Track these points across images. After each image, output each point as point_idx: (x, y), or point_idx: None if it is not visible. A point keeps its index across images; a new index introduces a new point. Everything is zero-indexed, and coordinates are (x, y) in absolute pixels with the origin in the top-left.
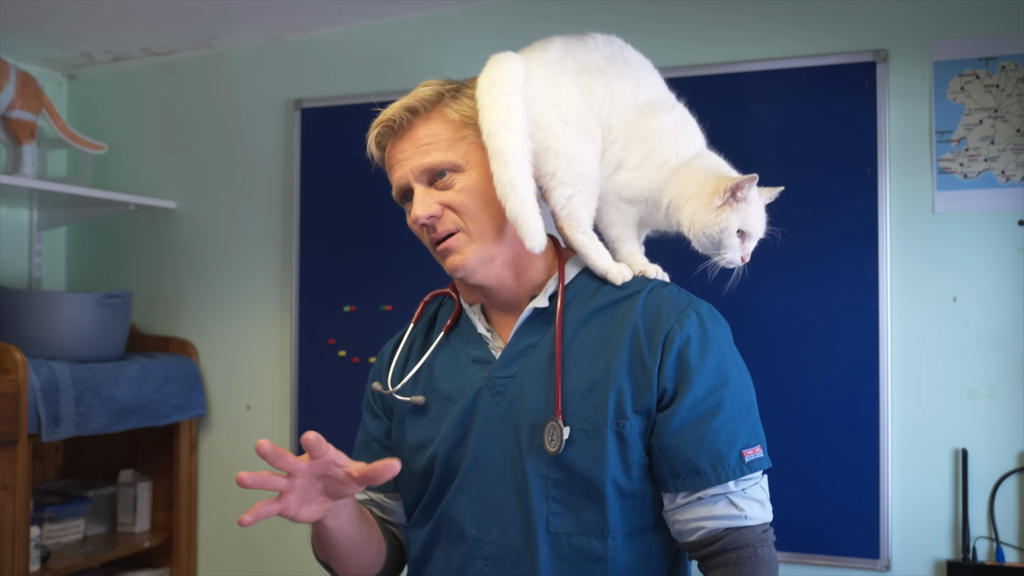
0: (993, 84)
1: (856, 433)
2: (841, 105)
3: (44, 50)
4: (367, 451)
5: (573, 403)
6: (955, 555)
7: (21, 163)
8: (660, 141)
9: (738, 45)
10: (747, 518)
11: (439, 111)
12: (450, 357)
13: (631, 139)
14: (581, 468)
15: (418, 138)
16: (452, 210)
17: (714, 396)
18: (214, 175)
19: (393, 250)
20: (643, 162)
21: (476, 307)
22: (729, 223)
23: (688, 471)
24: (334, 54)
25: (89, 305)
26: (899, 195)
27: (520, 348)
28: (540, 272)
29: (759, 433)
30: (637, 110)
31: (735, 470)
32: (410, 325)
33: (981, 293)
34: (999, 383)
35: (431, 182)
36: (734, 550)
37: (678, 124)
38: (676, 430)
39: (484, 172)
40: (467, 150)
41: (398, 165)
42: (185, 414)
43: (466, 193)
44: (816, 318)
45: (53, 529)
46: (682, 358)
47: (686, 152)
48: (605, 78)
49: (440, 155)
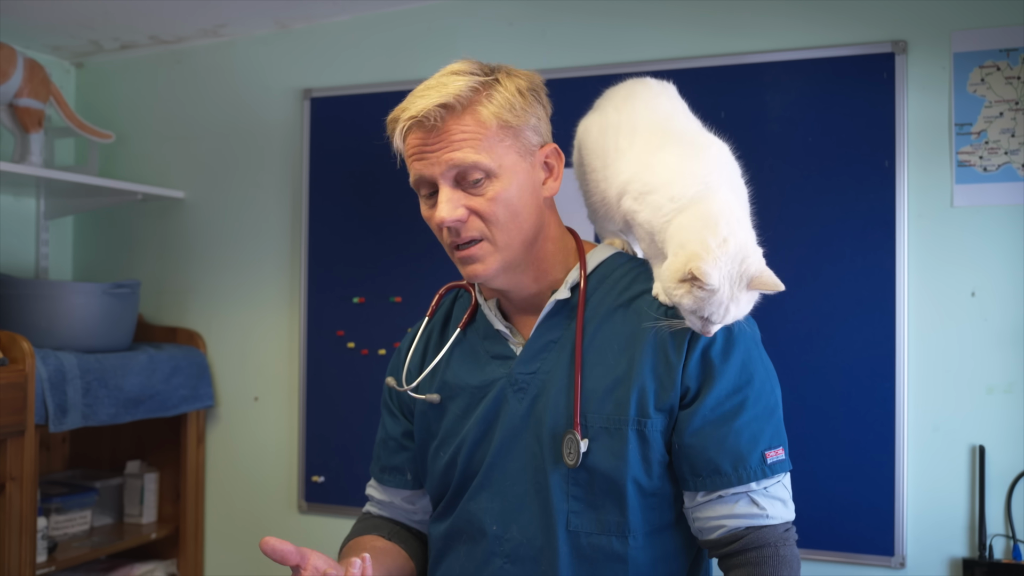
0: (1014, 76)
1: (872, 429)
2: (859, 97)
3: (52, 38)
4: (385, 448)
5: (595, 400)
6: (971, 553)
7: (28, 151)
8: (660, 180)
9: (755, 36)
10: (769, 517)
11: (473, 109)
12: (468, 353)
13: (624, 167)
14: (602, 467)
15: (450, 133)
16: (480, 217)
17: (738, 395)
18: (223, 165)
19: (403, 241)
20: (642, 198)
21: (492, 302)
22: (682, 303)
23: (709, 471)
24: (344, 43)
25: (97, 295)
26: (917, 188)
27: (542, 343)
28: (559, 271)
29: (782, 435)
30: (643, 137)
31: (756, 471)
32: (425, 319)
33: (1000, 288)
34: (1017, 379)
35: (459, 182)
36: (755, 549)
37: (684, 160)
38: (698, 429)
39: (516, 180)
40: (501, 154)
41: (424, 159)
42: (193, 405)
43: (497, 203)
44: (832, 312)
45: (60, 520)
46: (707, 356)
47: (681, 196)
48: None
49: (474, 155)
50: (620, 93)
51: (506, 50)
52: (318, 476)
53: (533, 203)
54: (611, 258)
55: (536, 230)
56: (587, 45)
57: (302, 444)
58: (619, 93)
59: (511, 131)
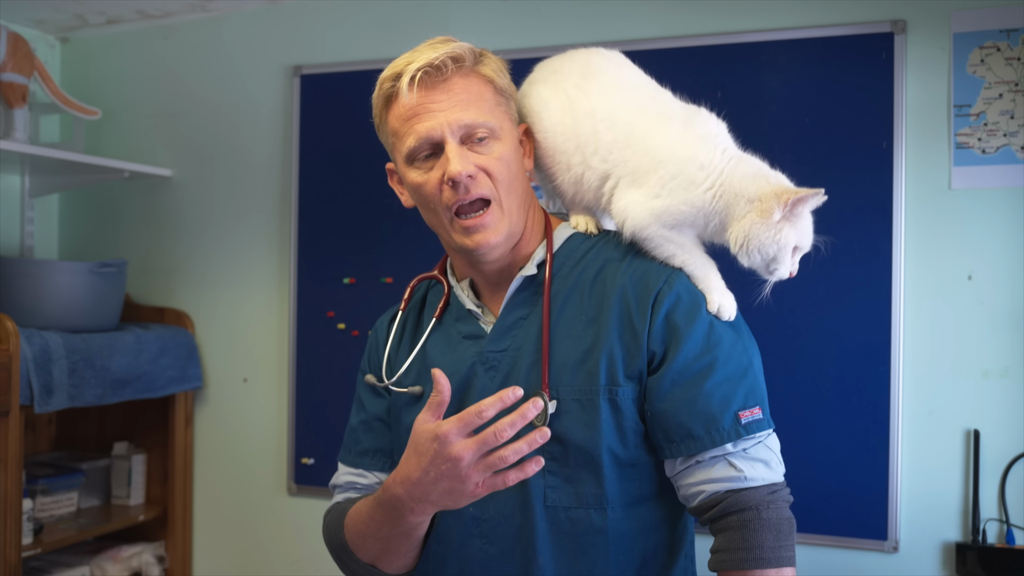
0: (1014, 57)
1: (866, 413)
2: (857, 77)
3: (36, 11)
4: (368, 431)
5: (566, 373)
6: (964, 537)
7: (12, 127)
8: (679, 158)
9: (753, 14)
10: (747, 479)
11: (476, 70)
12: (442, 338)
13: (636, 169)
14: (576, 439)
15: (456, 91)
16: (489, 176)
17: (705, 357)
18: (211, 142)
19: (394, 222)
20: (672, 185)
21: (464, 283)
22: (788, 240)
23: (682, 435)
24: (335, 18)
25: (83, 274)
26: (915, 170)
27: (512, 320)
28: (533, 246)
29: (757, 394)
30: (629, 124)
31: (730, 432)
32: (399, 311)
33: (997, 271)
34: (1013, 363)
35: (463, 142)
36: (735, 513)
37: (686, 131)
38: (667, 393)
39: (512, 145)
40: (501, 116)
41: (428, 115)
42: (181, 386)
43: (503, 163)
44: (828, 295)
45: (46, 502)
46: (670, 319)
47: (711, 162)
48: (585, 102)
49: (482, 115)
50: (574, 68)
51: (500, 27)
52: (307, 458)
53: (522, 173)
54: (577, 233)
55: (528, 200)
56: (582, 22)
57: (291, 426)
58: (572, 68)
59: (505, 97)
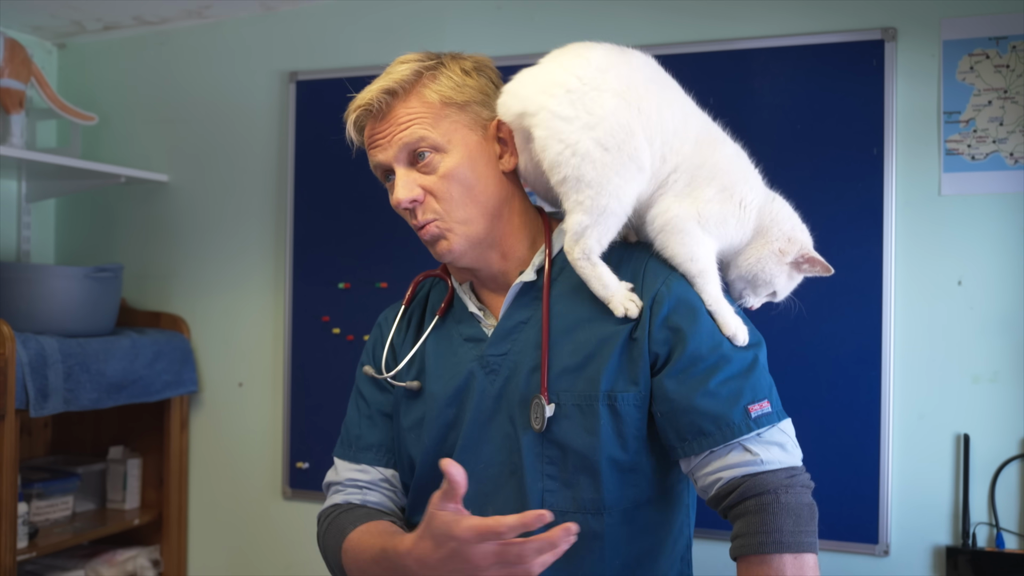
0: (1003, 64)
1: (857, 417)
2: (848, 84)
3: (33, 17)
4: (372, 426)
5: (566, 378)
6: (955, 541)
7: (9, 133)
8: (731, 178)
9: (744, 21)
10: (763, 463)
11: (418, 91)
12: (444, 339)
13: (694, 175)
14: (575, 444)
15: (397, 117)
16: (434, 197)
17: (711, 356)
18: (207, 148)
19: (389, 227)
20: (719, 197)
21: (466, 285)
22: (779, 280)
23: (693, 433)
24: (330, 25)
25: (79, 279)
26: (905, 176)
27: (512, 324)
28: (526, 248)
29: (764, 386)
30: (695, 142)
31: (741, 427)
32: (402, 307)
33: (987, 277)
34: (1002, 368)
35: (412, 163)
36: (754, 497)
37: (738, 156)
38: (674, 393)
39: (468, 153)
40: (448, 129)
41: (378, 148)
42: (176, 391)
43: (450, 179)
44: (818, 300)
45: (41, 506)
46: (671, 321)
47: (759, 188)
48: (656, 102)
49: (421, 130)
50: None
51: (494, 33)
52: (303, 462)
53: (491, 175)
54: None
55: (499, 203)
56: (576, 29)
57: (287, 430)
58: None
59: (455, 106)
